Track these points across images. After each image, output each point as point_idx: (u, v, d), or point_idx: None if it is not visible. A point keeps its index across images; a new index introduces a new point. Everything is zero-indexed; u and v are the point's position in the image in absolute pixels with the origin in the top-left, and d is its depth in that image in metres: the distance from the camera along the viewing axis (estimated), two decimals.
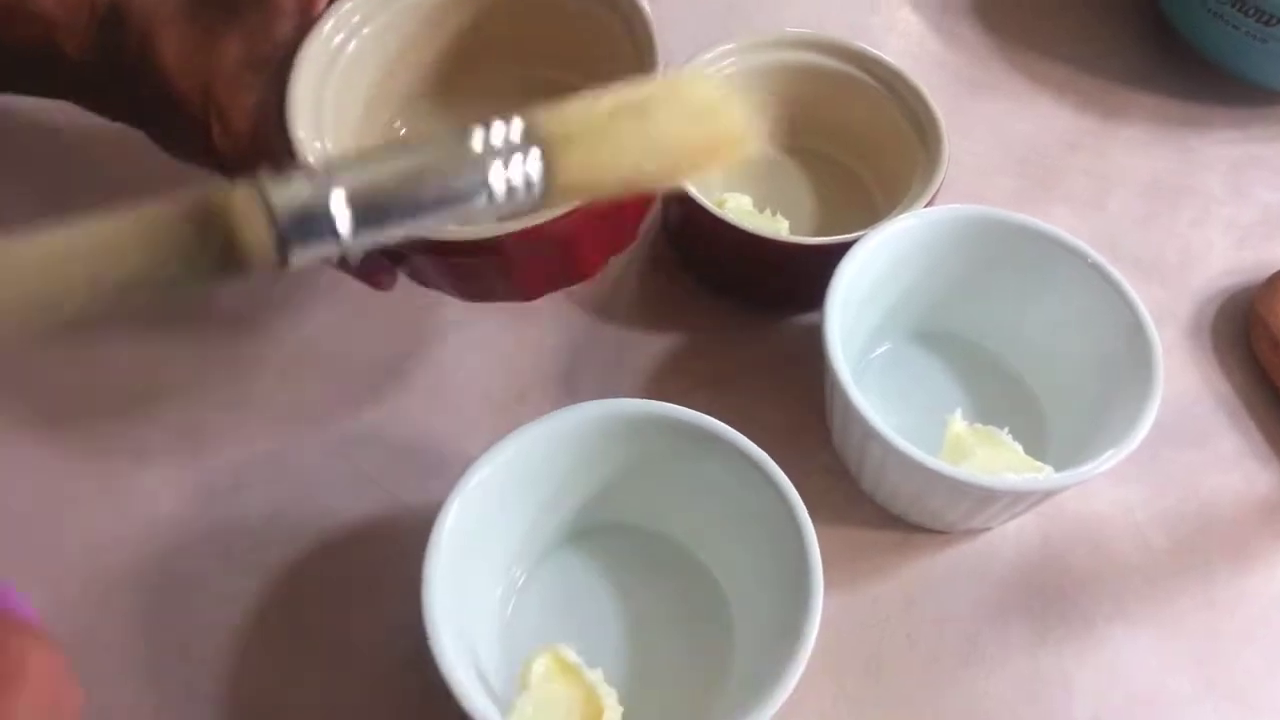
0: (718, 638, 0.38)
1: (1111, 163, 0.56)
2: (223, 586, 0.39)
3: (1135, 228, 0.53)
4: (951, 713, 0.38)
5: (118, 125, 0.38)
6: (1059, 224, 0.42)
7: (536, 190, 0.26)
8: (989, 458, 0.39)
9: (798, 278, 0.45)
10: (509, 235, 0.33)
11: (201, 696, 0.37)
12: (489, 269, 0.36)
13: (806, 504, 0.34)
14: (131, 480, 0.42)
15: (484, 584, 0.37)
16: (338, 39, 0.37)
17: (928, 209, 0.43)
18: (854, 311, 0.41)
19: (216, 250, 0.23)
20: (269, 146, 0.34)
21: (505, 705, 0.32)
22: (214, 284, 0.23)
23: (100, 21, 0.35)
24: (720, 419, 0.36)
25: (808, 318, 0.47)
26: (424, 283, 0.39)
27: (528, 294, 0.40)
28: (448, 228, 0.33)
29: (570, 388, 0.45)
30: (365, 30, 0.38)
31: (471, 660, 0.33)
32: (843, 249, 0.41)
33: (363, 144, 0.39)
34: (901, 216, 0.42)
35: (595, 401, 0.36)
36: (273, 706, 0.37)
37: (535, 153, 0.26)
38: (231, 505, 0.41)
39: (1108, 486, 0.44)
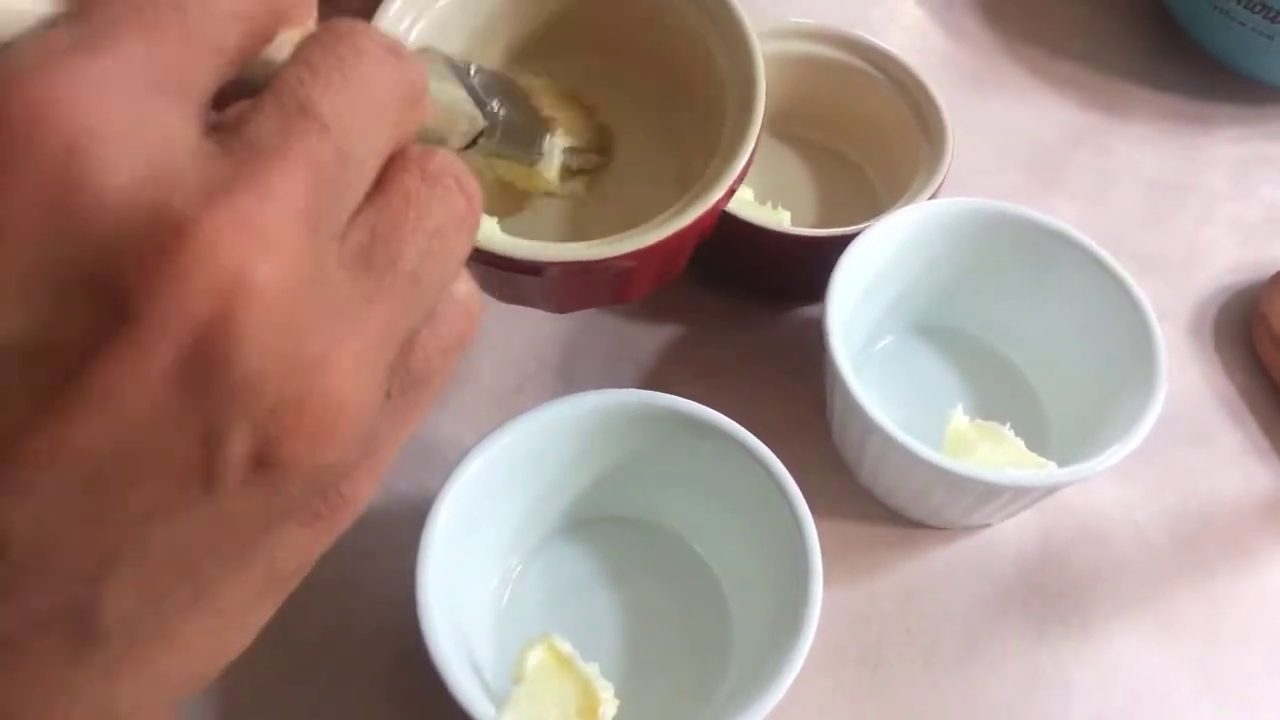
0: (716, 631, 0.37)
1: (1116, 159, 0.55)
2: None
3: (1139, 224, 0.53)
4: (949, 709, 0.38)
5: None
6: (1062, 220, 0.42)
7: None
8: (990, 453, 0.38)
9: (799, 269, 0.45)
10: (573, 263, 0.33)
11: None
12: (535, 286, 0.35)
13: (805, 498, 0.34)
14: None
15: (479, 574, 0.37)
16: (404, 23, 0.36)
17: (930, 201, 0.43)
18: (855, 304, 0.41)
19: None
20: None
21: (500, 697, 0.32)
22: None
23: None
24: (720, 411, 0.36)
25: (808, 310, 0.47)
26: None
27: (564, 310, 0.39)
28: (518, 241, 0.33)
29: (568, 378, 0.45)
30: (439, 5, 0.37)
31: (466, 651, 0.33)
32: (844, 241, 0.40)
33: None
34: (904, 209, 0.42)
35: (593, 392, 0.36)
36: (265, 699, 0.37)
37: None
38: None
39: (1109, 484, 0.43)
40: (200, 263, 0.14)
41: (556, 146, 0.36)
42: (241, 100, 0.16)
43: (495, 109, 0.29)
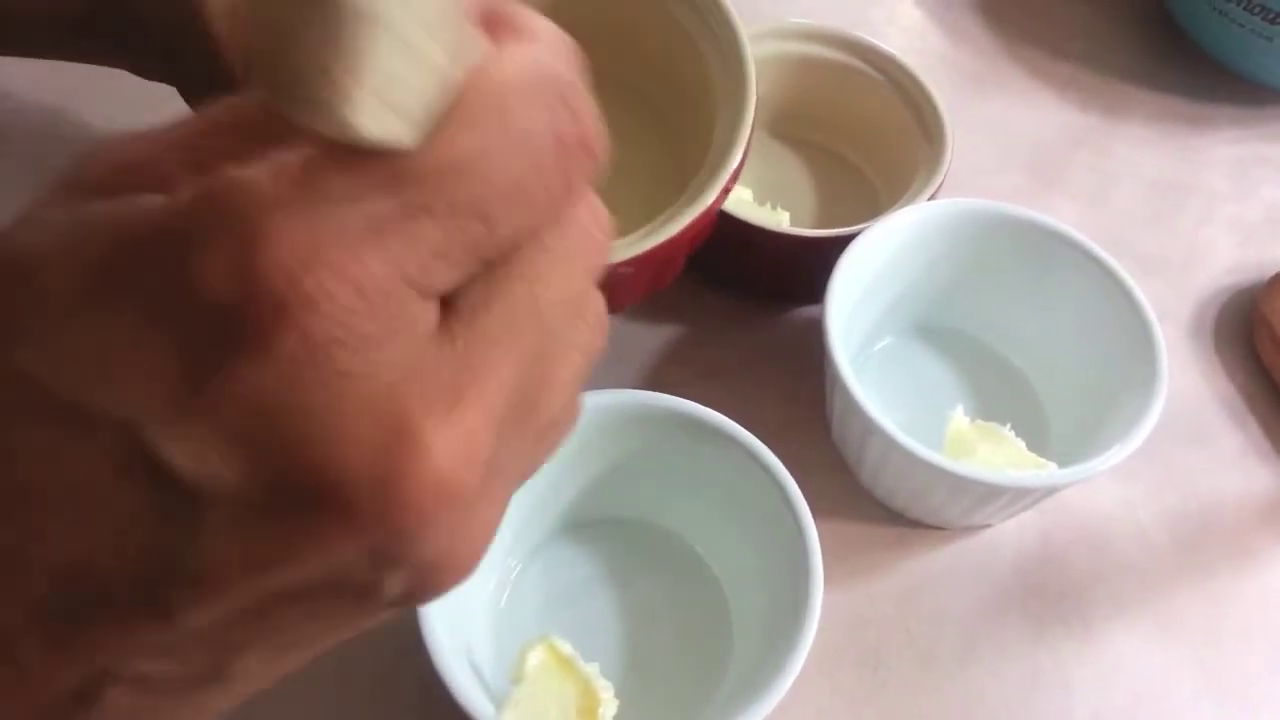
0: (715, 632, 0.37)
1: (1115, 160, 0.55)
2: None
3: (1139, 225, 0.53)
4: (950, 711, 0.38)
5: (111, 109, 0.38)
6: (1062, 221, 0.42)
7: None
8: (991, 454, 0.38)
9: (798, 270, 0.45)
10: None
11: None
12: None
13: (805, 498, 0.34)
14: None
15: (478, 575, 0.36)
16: None
17: (930, 202, 0.43)
18: (855, 305, 0.41)
19: None
20: None
21: (500, 697, 0.32)
22: None
23: None
24: (720, 412, 0.36)
25: (808, 310, 0.47)
26: None
27: None
28: None
29: None
30: None
31: (465, 652, 0.33)
32: (844, 242, 0.40)
33: None
34: (904, 210, 0.42)
35: (593, 392, 0.36)
36: (265, 699, 0.37)
37: None
38: None
39: (1109, 484, 0.43)
40: (425, 480, 0.15)
41: None
42: None
43: None
